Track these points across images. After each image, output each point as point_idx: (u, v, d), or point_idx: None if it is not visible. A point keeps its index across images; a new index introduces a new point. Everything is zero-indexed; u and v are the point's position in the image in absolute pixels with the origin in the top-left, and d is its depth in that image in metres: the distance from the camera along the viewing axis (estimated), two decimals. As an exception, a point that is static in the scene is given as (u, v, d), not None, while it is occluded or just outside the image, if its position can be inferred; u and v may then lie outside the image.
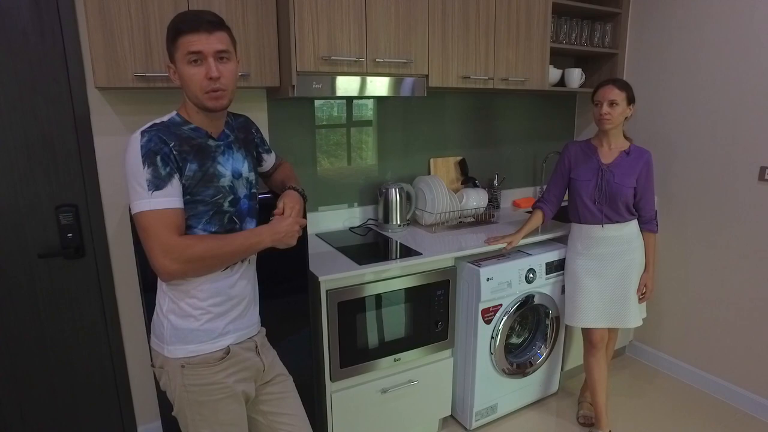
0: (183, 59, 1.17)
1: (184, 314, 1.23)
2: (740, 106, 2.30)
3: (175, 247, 1.14)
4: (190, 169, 1.19)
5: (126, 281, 2.01)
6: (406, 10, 1.99)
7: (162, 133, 1.17)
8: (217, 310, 1.25)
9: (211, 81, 1.17)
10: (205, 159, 1.23)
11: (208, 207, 1.23)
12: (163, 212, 1.14)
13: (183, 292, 1.23)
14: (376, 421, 2.01)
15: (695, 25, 2.42)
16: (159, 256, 1.14)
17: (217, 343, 1.26)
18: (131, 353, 2.09)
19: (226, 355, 1.26)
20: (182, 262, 1.15)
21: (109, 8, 1.59)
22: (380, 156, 2.50)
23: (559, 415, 2.39)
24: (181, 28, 1.16)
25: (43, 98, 1.78)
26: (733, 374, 2.45)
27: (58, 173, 1.85)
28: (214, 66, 1.16)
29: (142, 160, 1.13)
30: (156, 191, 1.14)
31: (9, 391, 1.90)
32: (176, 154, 1.17)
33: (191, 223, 1.21)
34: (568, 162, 2.15)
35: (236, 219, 1.29)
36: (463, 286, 2.11)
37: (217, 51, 1.17)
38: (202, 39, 1.15)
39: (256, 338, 1.37)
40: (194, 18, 1.17)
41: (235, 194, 1.28)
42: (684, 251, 2.60)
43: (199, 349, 1.24)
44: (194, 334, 1.24)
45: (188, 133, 1.23)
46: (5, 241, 1.80)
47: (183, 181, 1.18)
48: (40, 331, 1.91)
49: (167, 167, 1.15)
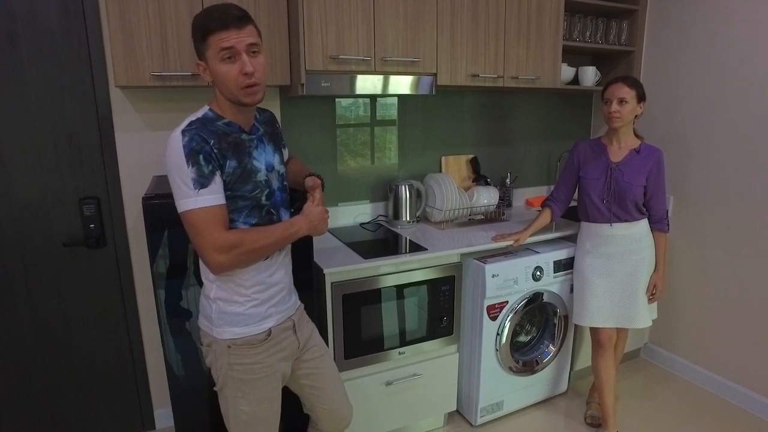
0: (215, 57, 1.18)
1: (230, 300, 1.31)
2: (759, 104, 2.24)
3: (224, 243, 1.20)
4: (230, 166, 1.24)
5: (144, 270, 2.11)
6: (414, 9, 2.02)
7: (201, 132, 1.20)
8: (260, 296, 1.34)
9: (246, 76, 1.19)
10: (242, 155, 1.27)
11: (248, 202, 1.28)
12: (209, 209, 1.19)
13: (229, 281, 1.30)
14: (381, 412, 2.05)
15: (715, 21, 2.37)
16: (210, 251, 1.20)
17: (260, 326, 1.34)
18: (148, 339, 2.19)
19: (267, 336, 1.35)
20: (232, 256, 1.21)
21: (129, 11, 1.68)
22: (393, 154, 2.54)
23: (567, 415, 2.38)
24: (210, 26, 1.17)
25: (70, 97, 1.89)
26: (752, 380, 2.38)
27: (83, 168, 1.96)
28: (248, 61, 1.19)
29: (186, 160, 1.17)
30: (202, 189, 1.18)
31: (37, 374, 2.02)
32: (216, 152, 1.21)
33: (233, 217, 1.27)
34: (577, 160, 2.14)
35: (273, 211, 1.35)
36: (468, 282, 2.13)
37: (248, 45, 1.19)
38: (233, 35, 1.16)
39: (294, 317, 1.45)
40: (222, 14, 1.17)
41: (270, 187, 1.34)
42: (700, 252, 2.54)
43: (243, 331, 1.32)
44: (239, 318, 1.32)
45: (223, 128, 1.26)
46: (34, 230, 1.92)
47: (224, 178, 1.23)
48: (63, 315, 2.02)
49: (210, 165, 1.19)
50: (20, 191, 1.88)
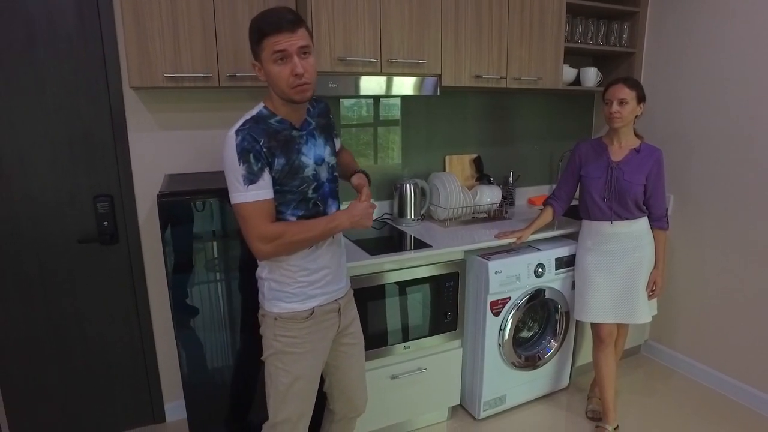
0: (269, 58, 1.28)
1: (279, 281, 1.44)
2: (758, 104, 2.28)
3: (267, 234, 1.32)
4: (279, 163, 1.34)
5: (155, 266, 2.17)
6: (419, 12, 2.07)
7: (253, 132, 1.31)
8: (305, 279, 1.44)
9: (297, 77, 1.28)
10: (290, 152, 1.37)
11: (295, 195, 1.39)
12: (257, 204, 1.31)
13: (277, 265, 1.43)
14: (386, 405, 2.10)
15: (715, 23, 2.42)
16: (255, 241, 1.33)
17: (305, 305, 1.45)
18: (159, 334, 2.24)
19: (311, 315, 1.45)
20: (274, 246, 1.34)
21: (143, 15, 1.74)
22: (398, 153, 2.59)
23: (568, 409, 2.42)
24: (265, 29, 1.26)
25: (85, 98, 1.95)
26: (751, 376, 2.42)
27: (96, 166, 2.02)
28: (298, 63, 1.27)
29: (238, 158, 1.28)
30: (251, 185, 1.30)
31: (52, 366, 2.08)
32: (266, 150, 1.31)
33: (281, 209, 1.38)
34: (579, 160, 2.19)
35: (319, 203, 1.44)
36: (472, 278, 2.18)
37: (299, 48, 1.28)
38: (286, 38, 1.25)
39: (341, 300, 1.54)
40: (276, 19, 1.26)
41: (318, 180, 1.43)
42: (701, 250, 2.59)
43: (289, 307, 1.44)
44: (286, 295, 1.44)
45: (275, 126, 1.36)
46: (50, 227, 1.98)
47: (273, 174, 1.33)
48: (77, 310, 2.08)
49: (259, 163, 1.30)
50: (37, 189, 1.94)
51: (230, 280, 1.80)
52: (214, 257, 1.76)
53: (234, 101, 2.16)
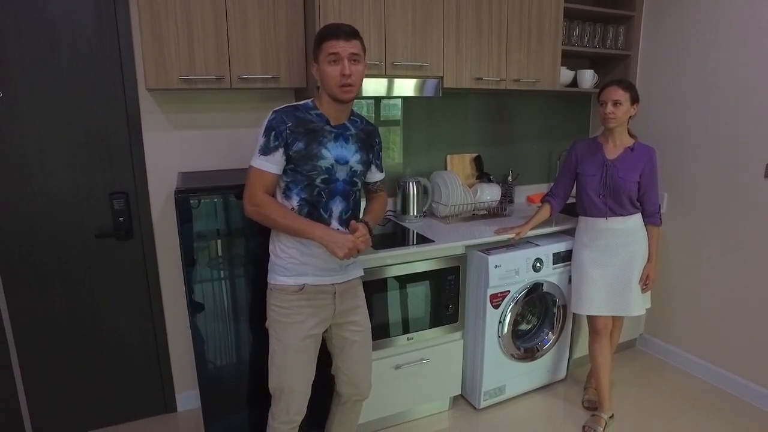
0: (325, 59, 1.49)
1: (277, 254, 1.62)
2: (748, 105, 2.37)
3: (254, 199, 1.53)
4: (298, 146, 1.52)
5: (168, 261, 2.26)
6: (422, 17, 2.16)
7: (285, 115, 1.52)
8: (297, 258, 1.59)
9: (344, 77, 1.47)
10: (312, 141, 1.53)
11: (304, 178, 1.55)
12: (259, 171, 1.52)
13: (277, 239, 1.62)
14: (390, 394, 2.18)
15: (706, 27, 2.51)
16: (245, 198, 1.55)
17: (296, 280, 1.60)
18: (171, 326, 2.33)
19: (300, 290, 1.60)
20: (253, 211, 1.54)
21: (160, 21, 1.83)
22: (401, 152, 2.67)
23: (565, 399, 2.51)
24: (325, 35, 1.49)
25: (102, 99, 2.03)
26: (743, 368, 2.51)
27: (112, 164, 2.10)
28: (348, 65, 1.47)
29: (264, 131, 1.51)
30: (262, 155, 1.51)
31: (68, 357, 2.17)
32: (288, 133, 1.50)
33: (290, 186, 1.56)
34: (575, 158, 2.28)
35: (324, 194, 1.58)
36: (472, 272, 2.27)
37: (350, 54, 1.48)
38: (340, 44, 1.47)
39: (338, 286, 1.65)
40: (336, 28, 1.49)
41: (332, 175, 1.57)
42: (694, 246, 2.68)
43: (282, 280, 1.60)
44: (281, 269, 1.61)
45: (311, 116, 1.55)
46: (68, 223, 2.07)
47: (290, 154, 1.51)
48: (94, 302, 2.17)
49: (277, 141, 1.50)
50: (56, 186, 2.02)
51: (245, 273, 1.88)
52: (229, 251, 1.84)
53: (244, 102, 2.25)
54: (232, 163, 2.28)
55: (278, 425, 1.68)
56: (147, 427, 2.32)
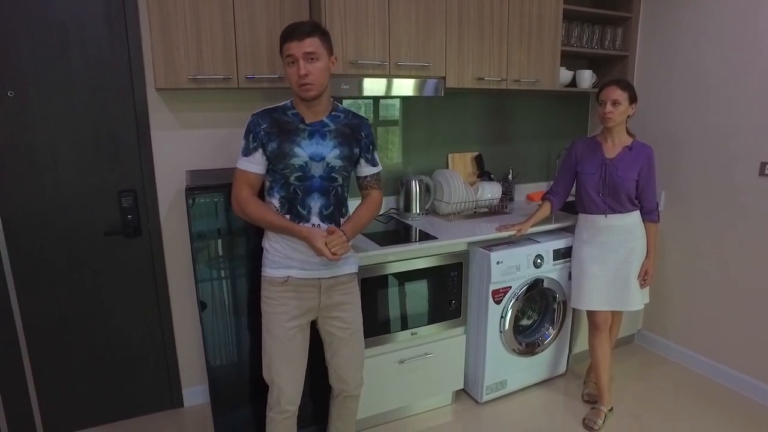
0: (284, 61, 1.56)
1: (267, 248, 1.70)
2: (742, 104, 2.42)
3: (239, 199, 1.61)
4: (272, 146, 1.59)
5: (175, 258, 2.29)
6: (425, 18, 2.20)
7: (260, 117, 1.60)
8: (283, 251, 1.66)
9: (300, 77, 1.52)
10: (285, 140, 1.59)
11: (280, 177, 1.62)
12: (243, 172, 1.61)
13: (266, 234, 1.71)
14: (394, 389, 2.23)
15: (701, 28, 2.56)
16: (232, 198, 1.64)
17: (281, 272, 1.67)
18: (178, 322, 2.36)
19: (285, 281, 1.66)
20: (239, 209, 1.63)
21: (169, 23, 1.87)
22: (404, 151, 2.72)
23: (566, 393, 2.56)
24: (282, 36, 1.55)
25: (111, 99, 2.07)
26: (740, 362, 2.56)
27: (121, 163, 2.14)
28: (303, 65, 1.51)
29: (244, 134, 1.60)
30: (243, 157, 1.60)
31: (77, 351, 2.20)
32: (263, 134, 1.58)
33: (272, 186, 1.64)
34: (575, 157, 2.32)
35: (299, 191, 1.62)
36: (475, 268, 2.31)
37: (305, 53, 1.51)
38: (294, 45, 1.51)
39: (324, 281, 1.70)
40: (291, 29, 1.53)
41: (306, 173, 1.61)
42: (691, 243, 2.73)
43: (270, 272, 1.68)
44: (269, 262, 1.69)
45: (286, 117, 1.62)
46: (77, 220, 2.10)
47: (267, 154, 1.59)
48: (102, 298, 2.20)
49: (255, 143, 1.59)
50: (66, 184, 2.06)
51: (253, 269, 1.91)
52: (237, 248, 1.88)
53: (250, 101, 2.28)
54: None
55: (273, 415, 1.72)
56: (154, 422, 2.35)
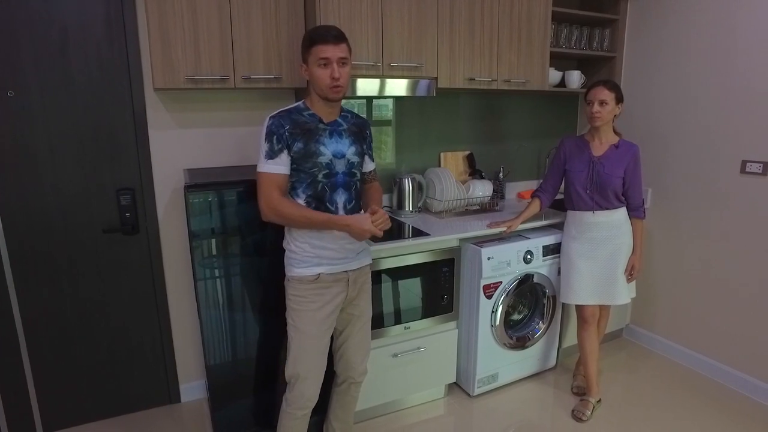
0: (315, 62, 1.58)
1: (293, 250, 1.71)
2: (724, 104, 2.50)
3: (271, 202, 1.61)
4: (297, 146, 1.62)
5: (172, 255, 2.33)
6: (417, 20, 2.26)
7: (282, 119, 1.62)
8: (310, 249, 1.68)
9: (334, 80, 1.58)
10: (309, 140, 1.63)
11: (307, 176, 1.65)
12: (270, 175, 1.61)
13: (291, 235, 1.71)
14: (388, 382, 2.28)
15: (685, 31, 2.64)
16: (261, 203, 1.62)
17: (311, 270, 1.69)
18: (176, 319, 2.40)
19: (316, 279, 1.69)
20: (273, 212, 1.62)
21: (167, 23, 1.91)
22: (397, 150, 2.77)
23: (555, 386, 2.62)
24: (315, 39, 1.58)
25: (110, 98, 2.11)
26: (724, 354, 2.64)
27: (120, 161, 2.17)
28: (337, 69, 1.58)
29: (265, 137, 1.61)
30: (269, 160, 1.61)
31: (77, 348, 2.23)
32: (288, 135, 1.61)
33: (295, 185, 1.66)
34: (564, 155, 2.39)
35: (327, 188, 1.68)
36: (466, 264, 2.37)
37: (339, 58, 1.58)
38: (330, 48, 1.56)
39: (351, 273, 1.75)
40: (325, 32, 1.58)
41: (332, 170, 1.67)
42: (676, 239, 2.80)
43: (299, 271, 1.70)
44: (297, 262, 1.70)
45: (304, 118, 1.65)
46: (77, 217, 2.13)
47: (291, 155, 1.62)
48: (101, 295, 2.24)
49: (279, 144, 1.60)
50: (65, 182, 2.09)
51: (252, 266, 1.96)
52: (235, 244, 1.93)
53: (246, 101, 2.33)
54: (236, 160, 2.36)
55: (292, 411, 1.75)
56: (152, 417, 2.39)
